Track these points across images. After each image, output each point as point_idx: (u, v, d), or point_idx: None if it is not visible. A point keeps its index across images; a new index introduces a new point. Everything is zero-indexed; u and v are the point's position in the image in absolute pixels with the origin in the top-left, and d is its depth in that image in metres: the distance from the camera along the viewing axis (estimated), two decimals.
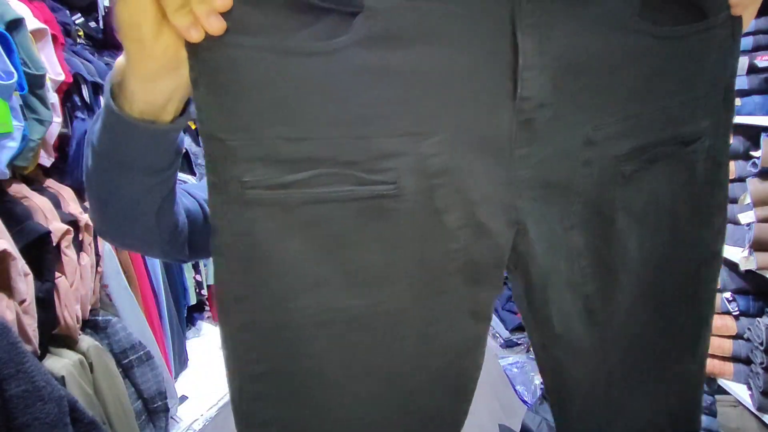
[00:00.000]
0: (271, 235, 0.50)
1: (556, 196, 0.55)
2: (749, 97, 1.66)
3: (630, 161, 0.56)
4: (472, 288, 0.56)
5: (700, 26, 0.54)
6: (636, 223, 0.58)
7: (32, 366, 1.05)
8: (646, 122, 0.56)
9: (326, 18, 0.46)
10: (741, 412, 1.67)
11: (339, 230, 0.51)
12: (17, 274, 1.18)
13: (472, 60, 0.49)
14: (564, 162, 0.54)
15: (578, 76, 0.52)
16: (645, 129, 0.56)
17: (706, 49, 0.56)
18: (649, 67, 0.54)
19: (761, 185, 1.58)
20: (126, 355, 1.72)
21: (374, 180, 0.50)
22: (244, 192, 0.48)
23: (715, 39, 0.56)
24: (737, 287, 1.74)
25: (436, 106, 0.49)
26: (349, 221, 0.51)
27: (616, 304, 0.61)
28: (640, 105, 0.55)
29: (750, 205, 1.60)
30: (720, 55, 0.57)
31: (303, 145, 0.48)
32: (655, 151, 0.57)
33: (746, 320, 1.70)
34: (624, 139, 0.55)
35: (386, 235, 0.52)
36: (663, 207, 0.59)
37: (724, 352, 1.72)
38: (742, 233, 1.67)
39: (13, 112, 1.26)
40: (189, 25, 0.44)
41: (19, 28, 1.32)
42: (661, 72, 0.55)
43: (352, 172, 0.49)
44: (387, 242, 0.52)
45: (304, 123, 0.47)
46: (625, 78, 0.54)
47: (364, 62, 0.47)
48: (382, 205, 0.51)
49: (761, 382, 1.56)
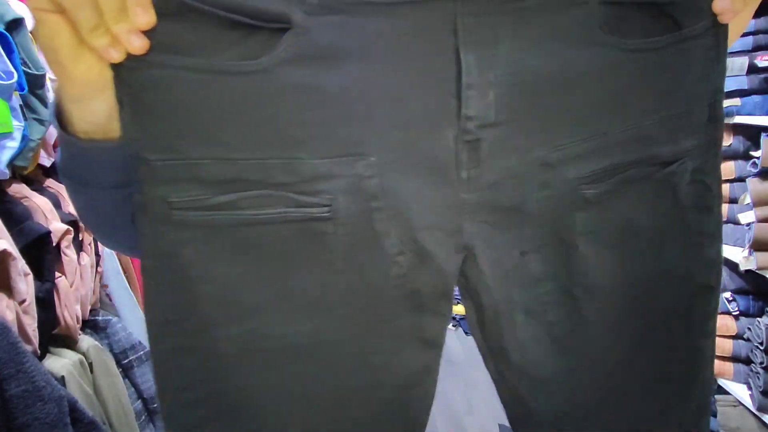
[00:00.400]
0: (200, 258, 0.48)
1: (510, 221, 0.52)
2: (749, 97, 1.66)
3: (594, 184, 0.52)
4: (418, 316, 0.54)
5: (673, 37, 0.50)
6: (607, 250, 0.54)
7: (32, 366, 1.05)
8: (615, 142, 0.52)
9: (254, 36, 0.45)
10: (741, 412, 1.67)
11: (272, 254, 0.49)
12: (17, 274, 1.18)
13: (411, 78, 0.47)
14: (517, 185, 0.51)
15: (532, 94, 0.49)
16: (613, 149, 0.52)
17: (683, 61, 0.52)
18: (617, 82, 0.50)
19: (761, 185, 1.58)
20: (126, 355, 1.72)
21: (307, 202, 0.48)
22: (170, 213, 0.47)
23: (695, 50, 0.52)
24: (737, 287, 1.74)
25: (371, 126, 0.47)
26: (284, 245, 0.49)
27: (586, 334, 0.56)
28: (607, 123, 0.51)
29: (750, 205, 1.60)
30: (702, 68, 0.52)
31: (231, 166, 0.46)
32: (627, 173, 0.52)
33: (746, 320, 1.70)
34: (586, 161, 0.51)
35: (324, 260, 0.50)
36: (643, 234, 0.55)
37: (724, 352, 1.72)
38: (742, 233, 1.67)
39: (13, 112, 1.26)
40: (107, 46, 0.42)
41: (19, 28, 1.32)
42: (630, 88, 0.51)
43: (284, 193, 0.47)
44: (325, 267, 0.50)
45: (231, 144, 0.46)
46: (588, 95, 0.50)
47: (293, 81, 0.45)
48: (317, 229, 0.49)
49: (761, 382, 1.56)
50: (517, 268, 0.54)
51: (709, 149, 0.55)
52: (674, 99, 0.53)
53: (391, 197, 0.49)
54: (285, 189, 0.47)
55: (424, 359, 0.56)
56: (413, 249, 0.51)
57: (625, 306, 0.56)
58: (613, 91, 0.51)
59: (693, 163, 0.54)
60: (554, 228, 0.53)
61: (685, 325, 0.58)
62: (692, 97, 0.53)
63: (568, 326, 0.56)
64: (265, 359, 0.51)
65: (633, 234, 0.55)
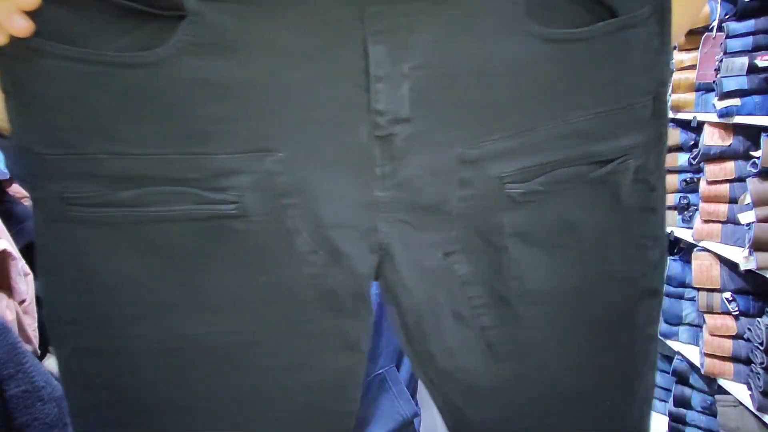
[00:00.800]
0: (101, 256, 0.46)
1: (430, 220, 0.50)
2: (749, 97, 1.66)
3: (521, 183, 0.49)
4: (336, 318, 0.51)
5: (609, 26, 0.47)
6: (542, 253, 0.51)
7: (32, 366, 1.05)
8: (544, 138, 0.49)
9: (148, 24, 0.42)
10: (741, 412, 1.67)
11: (181, 252, 0.47)
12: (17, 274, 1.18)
13: (318, 70, 0.44)
14: (436, 182, 0.48)
15: (451, 87, 0.46)
16: (542, 146, 0.49)
17: (622, 52, 0.48)
18: (545, 75, 0.47)
19: (761, 185, 1.58)
20: None
21: (214, 199, 0.46)
22: (67, 209, 0.45)
23: (635, 40, 0.48)
24: (737, 287, 1.74)
25: (278, 120, 0.45)
26: (192, 243, 0.47)
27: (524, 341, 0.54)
28: (535, 119, 0.48)
29: (750, 205, 1.60)
30: (644, 59, 0.49)
31: (130, 161, 0.44)
32: (559, 171, 0.49)
33: (746, 320, 1.70)
34: (511, 158, 0.48)
35: (236, 259, 0.48)
36: (583, 236, 0.52)
37: (724, 352, 1.72)
38: (742, 233, 1.67)
39: None
40: None
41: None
42: (561, 81, 0.48)
43: (189, 190, 0.45)
44: (237, 266, 0.48)
45: (129, 139, 0.44)
46: (512, 88, 0.47)
47: (191, 74, 0.43)
48: (227, 227, 0.47)
49: (761, 382, 1.56)
50: (440, 270, 0.51)
51: (653, 146, 0.52)
52: (612, 93, 0.49)
53: (303, 194, 0.47)
54: (190, 185, 0.45)
55: (347, 363, 0.53)
56: (326, 248, 0.49)
57: (565, 311, 0.54)
58: (540, 85, 0.47)
59: (636, 161, 0.51)
60: (481, 229, 0.50)
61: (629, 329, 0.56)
62: (633, 91, 0.50)
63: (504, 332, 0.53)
64: (178, 360, 0.49)
65: (571, 236, 0.52)
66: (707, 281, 1.75)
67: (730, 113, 1.65)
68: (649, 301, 0.55)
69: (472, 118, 0.47)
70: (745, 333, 1.69)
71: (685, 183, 1.90)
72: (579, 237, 0.52)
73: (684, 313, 1.90)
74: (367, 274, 0.51)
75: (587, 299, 0.54)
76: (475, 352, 0.54)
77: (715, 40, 1.72)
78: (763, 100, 1.64)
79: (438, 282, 0.52)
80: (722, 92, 1.66)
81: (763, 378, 1.56)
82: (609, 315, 0.55)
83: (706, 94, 1.81)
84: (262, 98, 0.45)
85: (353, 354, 0.54)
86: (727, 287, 1.75)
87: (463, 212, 0.50)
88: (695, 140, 1.87)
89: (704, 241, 1.77)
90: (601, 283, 0.54)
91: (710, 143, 1.72)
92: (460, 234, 0.51)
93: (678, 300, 1.92)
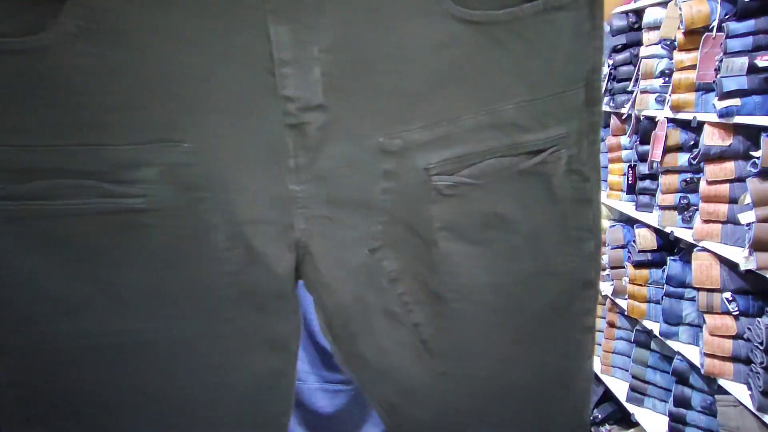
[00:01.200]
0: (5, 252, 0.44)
1: (352, 215, 0.48)
2: (749, 97, 1.66)
3: (448, 174, 0.47)
4: (260, 317, 0.50)
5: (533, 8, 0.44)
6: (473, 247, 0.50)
7: None
8: (469, 128, 0.46)
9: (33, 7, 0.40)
10: (741, 412, 1.67)
11: (92, 248, 0.45)
12: None
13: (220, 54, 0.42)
14: (355, 174, 0.46)
15: (367, 73, 0.44)
16: (467, 136, 0.47)
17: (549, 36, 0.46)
18: (467, 60, 0.44)
19: (761, 185, 1.58)
20: None
21: (121, 192, 0.44)
22: None
23: (562, 24, 0.46)
24: (737, 287, 1.74)
25: (181, 109, 0.43)
26: (103, 238, 0.45)
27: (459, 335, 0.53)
28: (458, 107, 0.46)
29: (750, 205, 1.60)
30: (573, 44, 0.46)
31: (25, 153, 0.42)
32: (487, 162, 0.47)
33: (746, 320, 1.70)
34: (435, 148, 0.46)
35: (149, 255, 0.46)
36: (515, 230, 0.51)
37: (723, 352, 1.71)
38: (742, 233, 1.67)
39: None
40: None
41: None
42: (485, 66, 0.45)
43: (93, 183, 0.43)
44: (152, 262, 0.46)
45: (23, 129, 0.42)
46: (432, 74, 0.44)
47: (85, 60, 0.40)
48: (137, 221, 0.45)
49: (761, 382, 1.56)
50: (366, 268, 0.50)
51: (586, 136, 0.50)
52: (540, 80, 0.47)
53: (215, 187, 0.45)
54: (93, 177, 0.43)
55: (274, 363, 0.52)
56: (241, 246, 0.47)
57: (500, 306, 0.53)
58: (461, 70, 0.45)
59: (568, 151, 0.50)
60: (408, 223, 0.49)
61: (565, 321, 0.55)
62: (563, 78, 0.48)
63: (438, 329, 0.52)
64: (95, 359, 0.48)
65: (504, 230, 0.50)
66: (707, 281, 1.75)
67: (730, 113, 1.65)
68: (584, 293, 0.54)
69: (391, 105, 0.45)
70: (745, 333, 1.69)
71: (685, 183, 1.90)
72: (512, 230, 0.50)
73: (684, 313, 1.90)
74: (286, 274, 0.48)
75: (522, 293, 0.53)
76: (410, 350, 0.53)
77: (715, 40, 1.72)
78: (763, 100, 1.63)
79: (365, 280, 0.50)
80: (722, 92, 1.65)
81: (763, 378, 1.56)
82: (544, 308, 0.54)
83: (706, 94, 1.80)
84: (161, 85, 0.42)
85: (281, 354, 0.52)
86: (727, 287, 1.75)
87: (388, 205, 0.48)
88: (695, 140, 1.86)
89: (704, 241, 1.77)
90: (536, 277, 0.52)
91: (710, 143, 1.72)
92: (386, 228, 0.48)
93: (678, 300, 1.91)
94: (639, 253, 2.06)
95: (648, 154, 1.98)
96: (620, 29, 2.21)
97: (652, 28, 2.00)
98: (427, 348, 0.53)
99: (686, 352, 1.87)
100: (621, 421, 2.30)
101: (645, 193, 2.09)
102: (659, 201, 1.94)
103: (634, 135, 2.14)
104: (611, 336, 2.32)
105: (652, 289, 2.05)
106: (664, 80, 1.96)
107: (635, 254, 2.07)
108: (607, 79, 2.29)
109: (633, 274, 2.08)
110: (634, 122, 2.14)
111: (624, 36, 2.20)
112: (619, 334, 2.30)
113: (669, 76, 1.92)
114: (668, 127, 1.89)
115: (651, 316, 2.06)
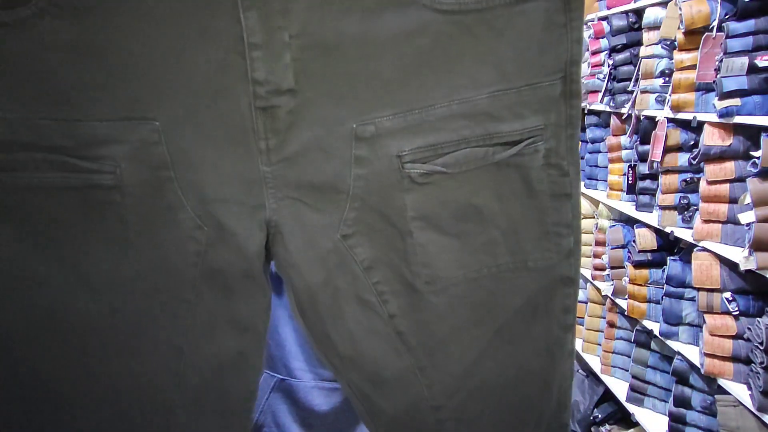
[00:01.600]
0: None
1: (324, 199, 0.48)
2: (749, 97, 1.66)
3: (419, 162, 0.47)
4: (225, 298, 0.49)
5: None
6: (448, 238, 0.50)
7: None
8: (442, 116, 0.46)
9: None
10: (741, 412, 1.67)
11: (56, 223, 0.45)
12: None
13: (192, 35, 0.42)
14: (326, 159, 0.46)
15: (336, 59, 0.44)
16: (440, 125, 0.47)
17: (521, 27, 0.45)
18: (439, 48, 0.45)
19: (761, 185, 1.58)
20: None
21: (88, 168, 0.44)
22: None
23: (535, 14, 0.45)
24: (737, 287, 1.74)
25: (152, 87, 0.43)
26: (67, 214, 0.45)
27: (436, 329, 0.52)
28: (430, 96, 0.46)
29: (750, 205, 1.60)
30: (548, 35, 0.46)
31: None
32: (461, 152, 0.47)
33: (746, 320, 1.70)
34: (408, 136, 0.46)
35: (114, 232, 0.46)
36: (491, 222, 0.50)
37: (724, 352, 1.71)
38: (742, 233, 1.67)
39: None
40: None
41: None
42: (457, 55, 0.45)
43: (61, 157, 0.43)
44: (116, 241, 0.46)
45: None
46: (402, 61, 0.45)
47: (55, 36, 0.41)
48: (103, 198, 0.45)
49: (761, 382, 1.56)
50: (337, 252, 0.49)
51: (564, 129, 0.50)
52: (513, 70, 0.46)
53: (184, 166, 0.45)
54: (61, 152, 0.43)
55: (239, 344, 0.51)
56: (210, 224, 0.47)
57: (477, 300, 0.52)
58: (433, 58, 0.45)
59: (545, 144, 0.49)
60: (382, 211, 0.49)
61: (544, 319, 0.54)
62: (537, 69, 0.47)
63: (414, 320, 0.52)
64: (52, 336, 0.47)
65: (480, 222, 0.50)
66: (707, 281, 1.75)
67: (730, 113, 1.65)
68: (564, 290, 0.54)
69: (364, 92, 0.45)
70: (745, 333, 1.69)
71: (685, 183, 1.90)
72: (488, 223, 0.50)
73: (684, 313, 1.90)
74: (256, 253, 0.48)
75: (499, 288, 0.52)
76: (384, 340, 0.52)
77: (715, 40, 1.72)
78: (763, 100, 1.63)
79: (335, 265, 0.49)
80: (722, 92, 1.65)
81: (763, 378, 1.56)
82: (522, 304, 0.53)
83: (706, 94, 1.80)
84: (132, 64, 0.42)
85: (246, 335, 0.51)
86: (727, 287, 1.75)
87: (360, 192, 0.48)
88: (695, 140, 1.86)
89: (704, 241, 1.77)
90: (514, 272, 0.52)
91: (710, 143, 1.72)
92: (359, 215, 0.48)
93: (678, 300, 1.91)
94: (639, 253, 2.06)
95: (648, 154, 1.98)
96: (620, 29, 2.21)
97: (652, 28, 2.00)
98: (404, 340, 0.53)
99: (686, 352, 1.87)
100: (621, 421, 2.30)
101: (645, 193, 2.09)
102: (659, 201, 1.94)
103: (634, 135, 2.14)
104: (611, 336, 2.32)
105: (652, 289, 2.06)
106: (664, 80, 1.96)
107: (635, 254, 2.07)
108: (607, 79, 2.30)
109: (633, 274, 2.08)
110: (634, 122, 2.14)
111: (624, 36, 2.20)
112: (619, 334, 2.30)
113: (669, 76, 1.92)
114: (668, 127, 1.89)
115: (651, 316, 2.06)
